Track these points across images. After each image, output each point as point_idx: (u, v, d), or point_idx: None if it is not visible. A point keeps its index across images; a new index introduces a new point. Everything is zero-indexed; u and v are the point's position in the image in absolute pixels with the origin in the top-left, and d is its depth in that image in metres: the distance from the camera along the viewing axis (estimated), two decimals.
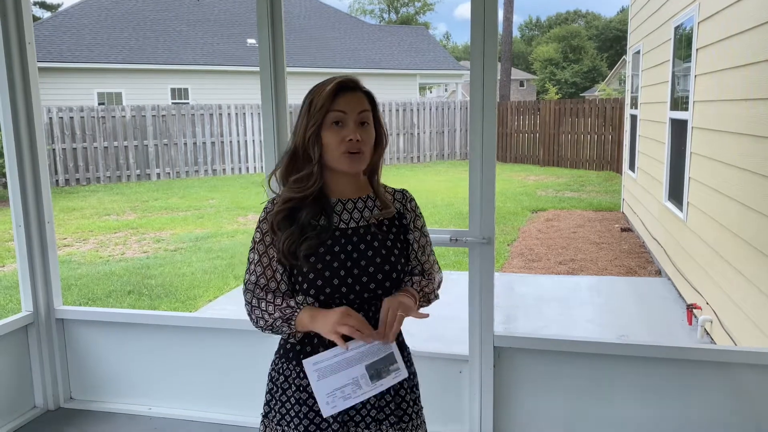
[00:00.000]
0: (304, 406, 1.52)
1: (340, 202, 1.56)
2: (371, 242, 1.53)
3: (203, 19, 21.48)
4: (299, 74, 18.84)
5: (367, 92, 1.56)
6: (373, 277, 1.50)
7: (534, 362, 2.67)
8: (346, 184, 1.57)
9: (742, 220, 3.84)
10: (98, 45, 18.65)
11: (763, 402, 2.47)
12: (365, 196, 1.60)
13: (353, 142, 1.48)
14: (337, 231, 1.53)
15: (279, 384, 1.57)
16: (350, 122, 1.49)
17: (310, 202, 1.52)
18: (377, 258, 1.52)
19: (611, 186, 12.89)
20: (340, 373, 1.46)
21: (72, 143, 14.33)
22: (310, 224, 1.51)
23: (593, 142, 15.92)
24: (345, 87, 1.51)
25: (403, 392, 1.57)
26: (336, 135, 1.49)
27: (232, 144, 16.20)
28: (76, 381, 3.30)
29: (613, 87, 30.05)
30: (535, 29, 61.04)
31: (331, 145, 1.49)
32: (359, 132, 1.49)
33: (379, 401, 1.53)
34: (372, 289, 1.51)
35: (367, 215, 1.57)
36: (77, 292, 6.27)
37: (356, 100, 1.51)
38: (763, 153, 3.52)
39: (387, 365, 1.49)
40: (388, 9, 48.48)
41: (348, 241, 1.52)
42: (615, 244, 8.01)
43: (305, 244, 1.49)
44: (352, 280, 1.49)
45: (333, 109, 1.48)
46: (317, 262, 1.49)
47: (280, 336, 1.60)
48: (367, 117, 1.53)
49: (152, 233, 9.22)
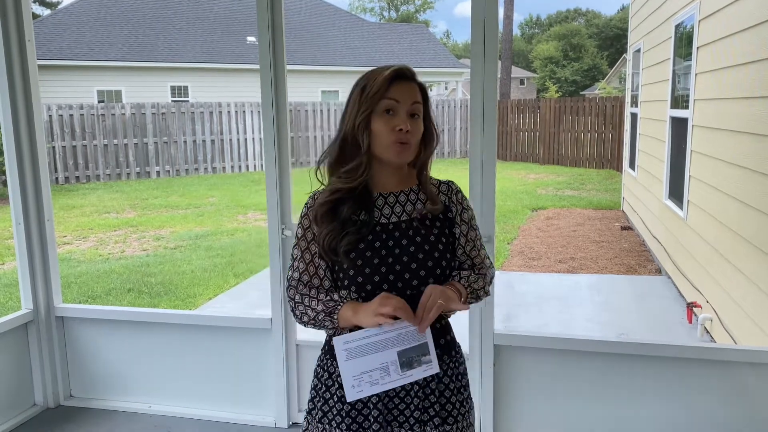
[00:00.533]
0: (347, 403, 1.48)
1: (381, 196, 1.52)
2: (413, 237, 1.48)
3: (203, 17, 21.46)
4: (299, 72, 18.86)
5: (421, 85, 1.52)
6: (415, 273, 1.45)
7: (534, 361, 2.67)
8: (389, 177, 1.53)
9: (742, 219, 3.84)
10: (98, 43, 18.63)
11: (762, 400, 2.47)
12: (408, 189, 1.54)
13: (403, 132, 1.44)
14: (377, 226, 1.49)
15: (323, 380, 1.54)
16: (402, 112, 1.45)
17: (353, 196, 1.48)
18: (420, 254, 1.46)
19: (611, 184, 12.89)
20: (370, 355, 1.40)
21: (72, 141, 14.33)
22: (350, 219, 1.47)
23: (593, 140, 15.91)
24: (401, 75, 1.47)
25: (448, 393, 1.52)
26: (386, 123, 1.45)
27: (232, 142, 16.19)
28: (75, 379, 3.30)
29: (614, 85, 30.03)
30: (535, 27, 60.98)
31: (380, 133, 1.45)
32: (409, 122, 1.45)
33: (423, 402, 1.48)
34: (414, 286, 1.45)
35: (410, 209, 1.52)
36: (77, 290, 6.27)
37: (410, 91, 1.48)
38: (763, 151, 3.52)
39: (419, 355, 1.43)
40: (388, 7, 48.44)
41: (389, 236, 1.48)
42: (615, 242, 8.01)
43: (345, 240, 1.45)
44: (394, 276, 1.45)
45: (386, 97, 1.45)
46: (357, 258, 1.45)
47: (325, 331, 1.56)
48: (418, 109, 1.49)
49: (152, 231, 9.22)
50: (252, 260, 7.32)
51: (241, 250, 7.86)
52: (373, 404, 1.47)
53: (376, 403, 1.46)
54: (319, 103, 17.28)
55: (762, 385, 2.47)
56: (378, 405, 1.46)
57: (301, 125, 16.71)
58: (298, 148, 16.68)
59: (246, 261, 7.30)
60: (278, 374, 2.97)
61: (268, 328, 2.94)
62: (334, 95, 20.48)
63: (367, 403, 1.48)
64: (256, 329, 2.98)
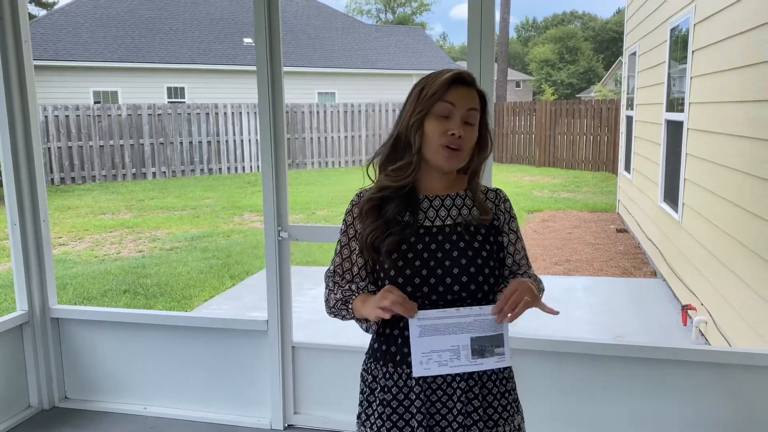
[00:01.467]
0: (388, 407, 1.48)
1: (427, 198, 1.51)
2: (457, 242, 1.46)
3: (199, 18, 21.45)
4: (295, 74, 18.86)
5: (480, 92, 1.50)
6: (457, 278, 1.44)
7: (530, 362, 2.67)
8: (437, 180, 1.51)
9: (737, 222, 3.85)
10: (94, 43, 18.60)
11: (757, 402, 2.48)
12: (455, 194, 1.53)
13: (455, 137, 1.42)
14: (421, 228, 1.48)
15: (368, 384, 1.54)
16: (457, 116, 1.44)
17: (400, 196, 1.48)
18: (462, 259, 1.45)
19: (607, 187, 12.92)
20: (443, 335, 1.38)
21: (68, 142, 14.29)
22: (395, 219, 1.47)
23: (589, 143, 15.96)
24: (461, 80, 1.46)
25: (491, 398, 1.49)
26: (440, 126, 1.43)
27: (228, 143, 16.18)
28: (71, 380, 3.29)
29: (609, 88, 30.12)
30: (531, 30, 61.11)
31: (432, 135, 1.44)
32: (463, 129, 1.44)
33: (466, 407, 1.45)
34: (456, 291, 1.44)
35: (455, 214, 1.50)
36: (72, 291, 6.25)
37: (468, 96, 1.46)
38: (758, 155, 3.54)
39: (493, 345, 1.40)
40: (384, 9, 48.49)
41: (432, 239, 1.47)
42: (610, 245, 8.03)
43: (388, 240, 1.45)
44: (435, 280, 1.43)
45: (443, 99, 1.43)
46: (398, 259, 1.45)
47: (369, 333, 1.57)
48: (474, 117, 1.47)
49: (148, 232, 9.20)
50: (248, 262, 7.31)
51: (236, 251, 7.85)
52: (416, 408, 1.45)
53: (420, 407, 1.45)
54: (316, 104, 17.29)
55: (756, 387, 2.47)
56: (421, 409, 1.45)
57: (298, 127, 16.72)
58: (294, 149, 16.68)
59: (242, 263, 7.29)
60: (274, 376, 2.97)
61: (264, 330, 2.94)
62: (331, 97, 20.49)
63: (409, 408, 1.47)
64: (252, 331, 2.97)
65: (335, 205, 11.12)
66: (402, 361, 1.48)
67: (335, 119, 17.25)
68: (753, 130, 3.63)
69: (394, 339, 1.50)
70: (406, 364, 1.47)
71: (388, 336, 1.51)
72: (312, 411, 3.02)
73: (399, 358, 1.48)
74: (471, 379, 1.46)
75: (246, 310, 5.54)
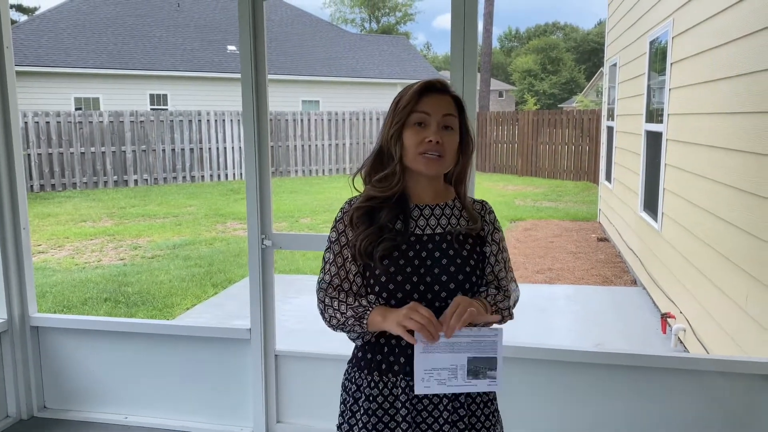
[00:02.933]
0: (374, 416, 1.48)
1: (417, 207, 1.54)
2: (446, 250, 1.50)
3: (183, 25, 21.37)
4: (280, 81, 18.85)
5: (456, 97, 1.54)
6: (445, 285, 1.47)
7: (511, 370, 2.69)
8: (425, 189, 1.55)
9: (714, 231, 3.92)
10: (76, 49, 18.45)
11: (733, 408, 2.52)
12: (443, 203, 1.56)
13: (432, 143, 1.46)
14: (412, 236, 1.51)
15: (351, 393, 1.54)
16: (432, 124, 1.47)
17: (390, 205, 1.51)
18: (451, 267, 1.48)
19: (588, 196, 13.05)
20: (445, 354, 1.41)
21: (48, 148, 14.13)
22: (387, 227, 1.50)
23: (571, 152, 16.12)
24: (431, 88, 1.50)
25: (474, 406, 1.53)
26: (416, 135, 1.47)
27: (211, 151, 16.11)
28: (50, 390, 3.25)
29: (591, 98, 30.46)
30: (514, 41, 61.67)
31: (410, 144, 1.48)
32: (441, 135, 1.47)
33: (452, 415, 1.49)
34: (444, 298, 1.46)
35: (444, 223, 1.54)
36: (52, 300, 6.17)
37: (442, 103, 1.49)
38: (734, 165, 3.61)
39: (486, 368, 1.44)
40: (369, 18, 48.66)
41: (423, 247, 1.50)
42: (591, 253, 8.11)
43: (381, 246, 1.47)
44: (425, 287, 1.46)
45: (416, 110, 1.47)
46: (390, 265, 1.47)
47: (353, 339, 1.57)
48: (452, 121, 1.50)
49: (129, 240, 9.12)
50: (230, 270, 7.28)
51: (219, 259, 7.81)
52: (402, 417, 1.46)
53: (405, 416, 1.46)
54: (300, 112, 17.28)
55: (733, 393, 2.52)
56: (407, 418, 1.46)
57: (282, 134, 16.70)
58: (278, 157, 16.65)
59: (224, 271, 7.25)
60: (257, 384, 2.96)
61: (246, 339, 2.93)
62: (315, 105, 20.50)
63: (395, 416, 1.48)
64: (235, 339, 2.96)
65: (319, 213, 11.11)
66: (388, 370, 1.48)
67: (319, 127, 17.26)
68: (730, 141, 3.70)
69: (380, 348, 1.50)
70: (392, 372, 1.48)
71: (373, 345, 1.52)
72: (295, 420, 3.01)
73: (384, 367, 1.49)
74: None
75: (229, 319, 5.50)
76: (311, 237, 2.97)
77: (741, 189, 3.47)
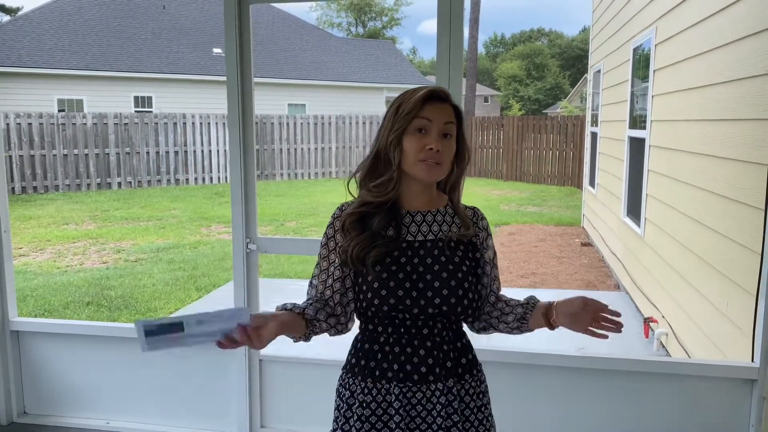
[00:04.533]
0: (366, 422, 1.48)
1: (409, 214, 1.54)
2: (438, 257, 1.50)
3: (168, 27, 21.25)
4: (266, 85, 18.79)
5: (456, 106, 1.54)
6: (438, 292, 1.47)
7: (494, 374, 2.70)
8: (418, 195, 1.54)
9: (695, 237, 3.97)
10: (60, 50, 18.27)
11: (713, 412, 2.55)
12: (435, 210, 1.56)
13: (433, 151, 1.46)
14: (404, 243, 1.51)
15: (345, 399, 1.54)
16: (434, 131, 1.47)
17: (383, 211, 1.51)
18: (444, 273, 1.48)
19: (572, 201, 13.15)
20: None
21: (30, 150, 13.97)
22: (379, 233, 1.50)
23: (555, 158, 16.24)
24: (435, 96, 1.50)
25: (468, 412, 1.53)
26: (417, 142, 1.47)
27: (195, 154, 16.01)
28: (30, 395, 3.21)
29: (575, 104, 30.69)
30: (499, 46, 62.06)
31: (410, 151, 1.47)
32: (441, 143, 1.48)
33: (446, 421, 1.48)
34: (436, 305, 1.46)
35: (436, 230, 1.54)
36: (33, 303, 6.10)
37: (444, 111, 1.50)
38: (714, 171, 3.66)
39: None
40: (355, 22, 48.72)
41: (415, 253, 1.50)
42: (575, 258, 8.17)
43: (374, 252, 1.47)
44: (417, 293, 1.46)
45: (419, 116, 1.47)
46: (382, 271, 1.47)
47: None
48: (452, 129, 1.51)
49: (112, 243, 9.03)
50: (215, 274, 7.24)
51: (203, 263, 7.76)
52: (395, 423, 1.46)
53: (399, 422, 1.46)
54: (286, 116, 17.25)
55: (713, 397, 2.55)
56: (401, 424, 1.46)
57: (267, 138, 16.65)
58: (263, 160, 16.59)
59: (209, 274, 7.21)
60: (241, 389, 2.95)
61: None
62: (301, 108, 20.47)
63: (388, 423, 1.48)
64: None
65: (304, 216, 11.08)
66: (381, 376, 1.49)
67: (305, 131, 17.23)
68: (711, 148, 3.75)
69: (374, 354, 1.51)
70: (386, 379, 1.48)
71: (367, 351, 1.52)
72: (279, 425, 3.00)
73: (378, 374, 1.49)
74: (450, 394, 1.49)
75: None
76: (296, 241, 2.96)
77: (723, 195, 3.51)
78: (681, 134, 4.43)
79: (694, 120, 4.15)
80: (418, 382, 1.47)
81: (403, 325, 1.48)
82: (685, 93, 4.37)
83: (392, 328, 1.49)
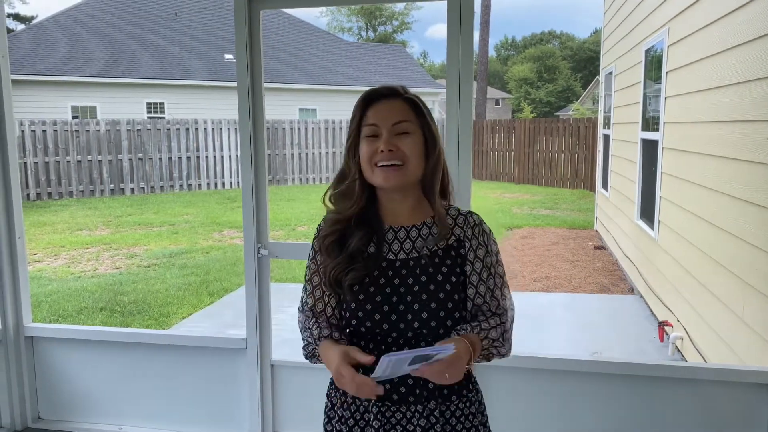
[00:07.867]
0: (356, 426, 1.46)
1: (392, 229, 1.45)
2: (419, 276, 1.40)
3: (180, 34, 21.41)
4: (277, 90, 18.89)
5: (411, 100, 1.43)
6: (417, 315, 1.38)
7: (507, 379, 2.68)
8: (400, 206, 1.45)
9: (711, 239, 3.92)
10: (73, 58, 18.46)
11: (730, 417, 2.51)
12: (420, 223, 1.45)
13: (384, 153, 1.36)
14: (384, 262, 1.42)
15: (326, 410, 1.53)
16: (384, 133, 1.38)
17: (361, 227, 1.43)
18: (423, 294, 1.38)
19: (585, 204, 13.07)
20: None
21: (44, 157, 14.12)
22: (359, 251, 1.42)
23: (567, 160, 16.17)
24: (374, 97, 1.42)
25: (453, 420, 1.44)
26: (369, 147, 1.39)
27: (208, 159, 16.11)
28: (44, 400, 3.22)
29: (587, 107, 30.55)
30: (510, 49, 61.93)
31: (364, 158, 1.39)
32: (396, 142, 1.37)
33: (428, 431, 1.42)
34: (416, 328, 1.38)
35: (420, 245, 1.43)
36: (47, 309, 6.15)
37: (392, 110, 1.40)
38: (729, 174, 3.62)
39: None
40: (365, 27, 48.84)
41: (395, 274, 1.41)
42: (588, 261, 8.11)
43: (351, 275, 1.40)
44: (396, 316, 1.38)
45: (365, 124, 1.40)
46: (359, 292, 1.40)
47: None
48: (407, 127, 1.39)
49: (125, 249, 9.09)
50: (227, 279, 7.26)
51: (216, 268, 7.79)
52: (374, 429, 1.43)
53: (378, 428, 1.42)
54: (297, 120, 17.32)
55: (730, 402, 2.51)
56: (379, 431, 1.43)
57: (279, 143, 16.72)
58: (275, 165, 16.66)
59: (221, 279, 7.23)
60: (253, 395, 2.94)
61: (242, 348, 2.92)
62: (312, 113, 20.53)
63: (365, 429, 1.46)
64: (231, 349, 2.95)
65: (316, 221, 10.96)
66: None
67: (316, 135, 17.29)
68: (725, 149, 3.72)
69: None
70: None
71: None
72: (291, 430, 2.99)
73: None
74: (432, 417, 1.42)
75: (225, 328, 5.48)
76: (308, 246, 2.94)
77: (737, 197, 3.47)
78: (694, 136, 4.38)
79: (707, 122, 4.11)
80: (397, 402, 1.41)
81: (384, 342, 1.42)
82: (698, 94, 4.33)
83: (374, 345, 1.43)
